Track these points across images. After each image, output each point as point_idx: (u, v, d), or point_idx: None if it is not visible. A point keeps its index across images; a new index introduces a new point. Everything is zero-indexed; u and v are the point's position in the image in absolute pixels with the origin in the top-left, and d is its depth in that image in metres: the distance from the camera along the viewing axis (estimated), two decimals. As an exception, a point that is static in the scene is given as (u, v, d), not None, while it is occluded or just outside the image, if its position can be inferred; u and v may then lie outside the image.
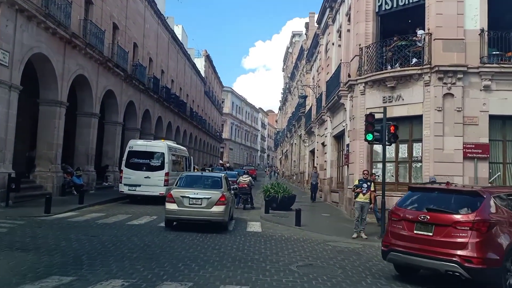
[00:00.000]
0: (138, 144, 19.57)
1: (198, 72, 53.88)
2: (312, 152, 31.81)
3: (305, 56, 34.46)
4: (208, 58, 61.43)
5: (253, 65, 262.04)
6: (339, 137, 21.69)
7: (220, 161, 67.57)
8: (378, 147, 15.63)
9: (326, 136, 23.62)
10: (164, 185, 18.70)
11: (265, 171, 69.84)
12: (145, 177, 18.66)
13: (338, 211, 18.85)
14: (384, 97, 15.74)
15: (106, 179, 24.82)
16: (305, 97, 27.52)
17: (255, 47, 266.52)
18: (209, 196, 11.77)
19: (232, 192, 14.72)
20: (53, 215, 13.39)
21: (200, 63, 57.83)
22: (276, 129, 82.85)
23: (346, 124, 18.40)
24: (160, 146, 19.47)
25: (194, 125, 49.91)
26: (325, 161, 23.68)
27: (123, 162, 19.12)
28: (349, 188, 16.94)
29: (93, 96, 22.27)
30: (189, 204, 11.68)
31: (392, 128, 12.91)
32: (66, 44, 19.00)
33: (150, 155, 19.14)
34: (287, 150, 54.77)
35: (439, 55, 14.44)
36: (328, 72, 23.66)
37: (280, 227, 13.74)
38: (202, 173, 15.97)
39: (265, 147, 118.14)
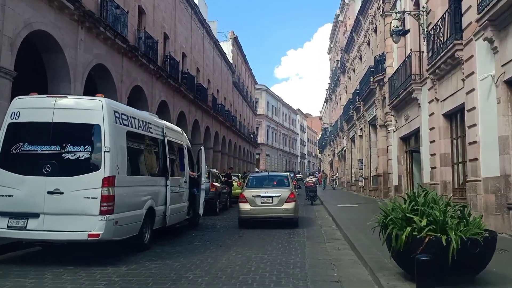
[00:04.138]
0: (32, 107, 7.58)
1: (223, 54, 42.28)
2: (406, 139, 19.20)
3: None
4: (236, 42, 49.75)
5: (285, 74, 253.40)
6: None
7: (256, 169, 55.81)
8: None
9: (475, 91, 11.07)
10: (103, 209, 6.97)
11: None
12: (48, 192, 6.99)
13: None
14: None
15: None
16: (404, 32, 15.03)
17: (287, 56, 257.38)
18: (279, 194, 12.70)
19: (296, 190, 15.12)
20: None
21: (226, 49, 46.23)
22: (323, 124, 67.66)
23: None
24: (90, 108, 7.56)
25: (220, 122, 38.22)
26: (475, 141, 11.15)
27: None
28: None
29: (-9, 32, 10.99)
30: (261, 203, 12.63)
31: None
32: None
33: (62, 133, 7.39)
34: (343, 149, 41.77)
35: None
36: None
37: None
38: (268, 173, 17.74)
39: (305, 153, 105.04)
